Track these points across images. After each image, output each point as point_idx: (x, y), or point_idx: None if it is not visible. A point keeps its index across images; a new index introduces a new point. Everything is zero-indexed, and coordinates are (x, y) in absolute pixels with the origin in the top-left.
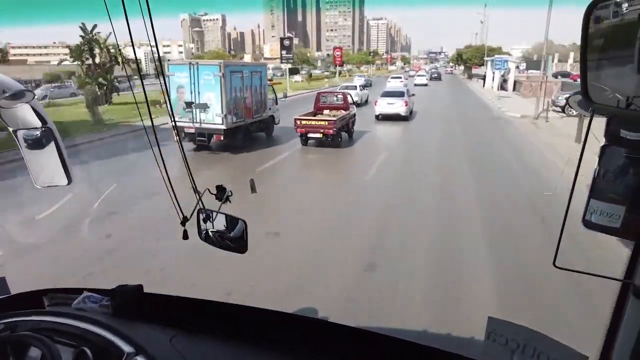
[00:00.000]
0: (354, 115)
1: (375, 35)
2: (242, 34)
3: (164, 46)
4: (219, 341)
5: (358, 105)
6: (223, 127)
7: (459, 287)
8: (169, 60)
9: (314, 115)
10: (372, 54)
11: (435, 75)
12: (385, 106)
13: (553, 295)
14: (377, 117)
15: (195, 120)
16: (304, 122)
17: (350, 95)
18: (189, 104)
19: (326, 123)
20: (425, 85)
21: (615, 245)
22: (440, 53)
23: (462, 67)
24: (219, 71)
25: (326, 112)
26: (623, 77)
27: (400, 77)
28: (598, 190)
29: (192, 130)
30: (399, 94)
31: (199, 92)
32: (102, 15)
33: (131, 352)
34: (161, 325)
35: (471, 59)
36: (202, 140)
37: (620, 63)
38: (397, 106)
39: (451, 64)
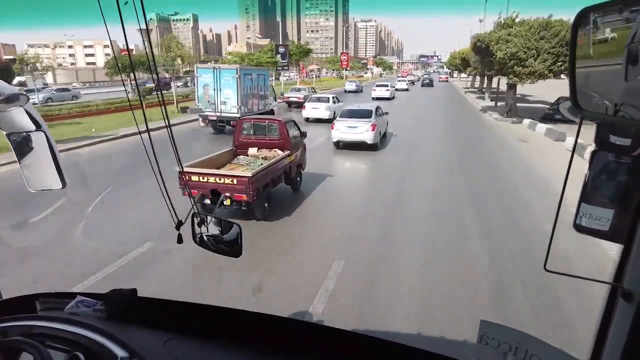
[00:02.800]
0: (303, 152)
1: (364, 38)
2: (218, 35)
3: (84, 47)
4: (214, 345)
5: (329, 121)
6: (238, 115)
7: None
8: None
9: (234, 156)
10: (278, 49)
11: (427, 81)
12: (345, 131)
13: None
14: (336, 144)
15: (217, 111)
16: (194, 177)
17: (296, 127)
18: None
19: (235, 181)
20: (407, 89)
21: None
22: (433, 57)
23: (464, 75)
24: (235, 73)
25: (252, 151)
26: (611, 84)
27: (387, 85)
28: (588, 194)
29: (215, 118)
30: (364, 114)
31: (220, 90)
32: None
33: (125, 356)
34: (155, 329)
35: (521, 59)
36: (222, 125)
37: (608, 71)
38: (361, 131)
39: (447, 69)
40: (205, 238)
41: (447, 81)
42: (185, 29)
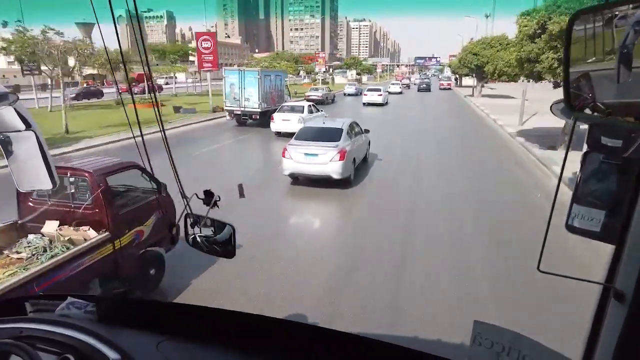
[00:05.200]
0: (160, 222)
1: (357, 38)
2: (197, 35)
3: None
4: (207, 347)
5: None
6: (259, 110)
7: None
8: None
9: (18, 237)
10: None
11: (424, 86)
12: (302, 160)
13: None
14: (292, 178)
15: (241, 106)
16: None
17: (146, 176)
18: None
19: None
20: (400, 93)
21: None
22: (431, 59)
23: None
24: (257, 75)
25: (50, 227)
26: (604, 86)
27: (380, 90)
28: (580, 195)
29: (239, 112)
30: (329, 136)
31: (244, 88)
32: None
33: (116, 358)
34: (148, 331)
35: None
36: (245, 118)
37: (601, 72)
38: (324, 160)
39: (448, 73)
40: (198, 239)
41: (449, 88)
42: (159, 27)
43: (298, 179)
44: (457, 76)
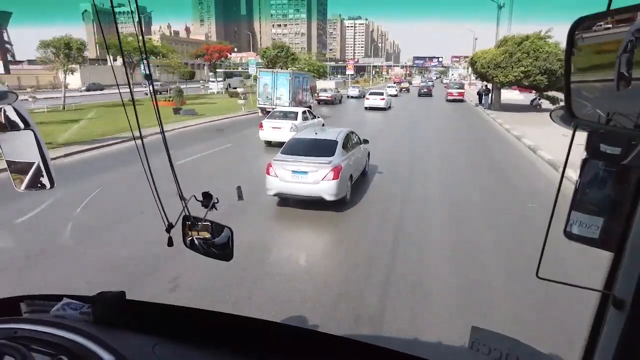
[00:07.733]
0: None
1: (352, 38)
2: (176, 32)
3: None
4: (204, 350)
5: None
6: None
7: None
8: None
9: None
10: None
11: (425, 90)
12: (289, 179)
13: None
14: (279, 197)
15: (273, 104)
16: None
17: None
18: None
19: None
20: (396, 95)
21: None
22: (432, 59)
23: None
24: (289, 76)
25: None
26: (604, 93)
27: (382, 94)
28: (578, 202)
29: (271, 110)
30: (321, 149)
31: (276, 88)
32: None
33: None
34: (144, 333)
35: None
36: None
37: (602, 80)
38: (315, 179)
39: (456, 76)
40: (196, 241)
41: (461, 99)
42: (130, 24)
43: (289, 199)
44: (486, 86)
